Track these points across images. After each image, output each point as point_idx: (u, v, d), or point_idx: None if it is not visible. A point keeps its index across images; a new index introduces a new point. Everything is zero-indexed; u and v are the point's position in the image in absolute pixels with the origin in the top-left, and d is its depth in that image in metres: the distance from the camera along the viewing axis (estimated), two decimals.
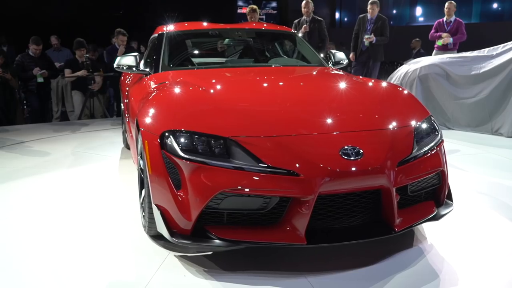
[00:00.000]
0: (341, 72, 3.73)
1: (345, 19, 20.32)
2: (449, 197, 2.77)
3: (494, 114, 5.97)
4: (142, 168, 2.80)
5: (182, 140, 2.35)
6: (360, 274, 2.34)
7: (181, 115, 2.53)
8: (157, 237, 2.58)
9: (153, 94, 2.96)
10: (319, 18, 7.61)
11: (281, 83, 3.35)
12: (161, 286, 2.28)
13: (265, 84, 3.30)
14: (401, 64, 7.40)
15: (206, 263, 2.47)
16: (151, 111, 2.67)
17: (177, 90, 2.96)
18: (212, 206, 2.26)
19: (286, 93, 3.06)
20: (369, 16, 7.72)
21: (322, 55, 7.41)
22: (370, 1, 7.68)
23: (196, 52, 4.55)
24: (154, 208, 2.43)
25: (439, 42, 7.63)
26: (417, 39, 10.99)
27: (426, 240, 2.70)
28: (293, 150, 2.30)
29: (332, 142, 2.39)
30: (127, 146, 5.12)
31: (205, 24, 4.48)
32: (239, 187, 2.21)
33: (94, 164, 4.66)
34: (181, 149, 2.32)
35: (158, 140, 2.40)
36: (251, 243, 2.27)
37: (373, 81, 3.44)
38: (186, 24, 4.47)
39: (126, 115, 4.46)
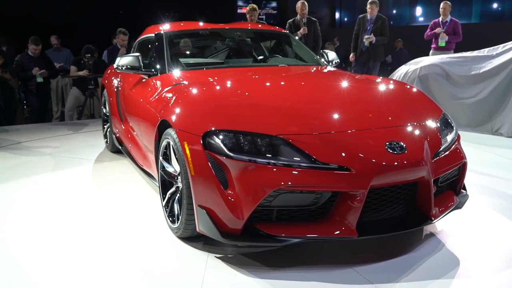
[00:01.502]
0: (347, 72, 3.86)
1: (345, 19, 20.32)
2: (464, 187, 2.94)
3: (494, 114, 5.96)
4: (170, 170, 2.80)
5: (227, 139, 2.35)
6: (394, 263, 2.45)
7: (221, 115, 2.55)
8: (189, 239, 2.67)
9: (181, 95, 2.93)
10: (314, 19, 7.63)
11: (302, 82, 3.41)
12: (218, 286, 2.28)
13: (288, 83, 3.35)
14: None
15: (248, 261, 2.49)
16: (187, 111, 2.68)
17: (206, 90, 2.99)
18: (264, 204, 2.28)
19: (312, 91, 3.12)
20: (368, 16, 7.73)
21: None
22: (369, 1, 7.68)
23: (196, 52, 4.54)
24: (198, 209, 2.43)
25: (442, 44, 7.63)
26: (399, 39, 12.05)
27: (427, 240, 2.71)
28: (341, 146, 2.36)
29: (376, 137, 2.48)
30: (112, 149, 4.95)
31: (201, 24, 4.44)
32: (293, 184, 2.23)
33: (95, 164, 4.65)
34: (228, 149, 2.32)
35: (201, 140, 2.40)
36: (304, 239, 2.29)
37: (380, 79, 3.57)
38: (182, 24, 4.44)
39: (119, 116, 4.41)
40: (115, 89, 4.61)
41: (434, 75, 6.40)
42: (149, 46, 4.47)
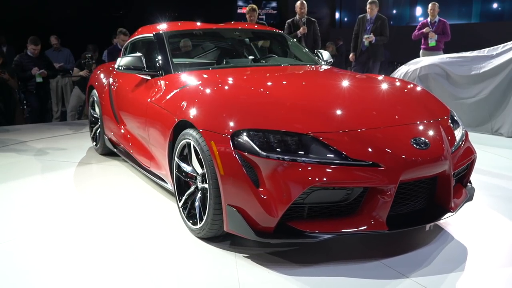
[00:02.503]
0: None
1: (345, 19, 20.31)
2: (469, 180, 3.06)
3: (494, 114, 5.96)
4: (188, 170, 2.81)
5: (257, 138, 2.38)
6: (417, 255, 2.55)
7: (249, 114, 2.57)
8: (211, 239, 2.69)
9: (199, 95, 2.93)
10: (313, 19, 7.63)
11: (316, 81, 3.44)
12: (255, 284, 2.29)
13: (302, 82, 3.37)
14: (401, 64, 7.41)
15: (276, 259, 2.52)
16: (210, 111, 2.69)
17: (225, 89, 3.03)
18: (298, 201, 2.31)
19: (329, 90, 3.16)
20: (368, 16, 7.73)
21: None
22: (369, 1, 7.68)
23: (196, 52, 4.54)
24: (228, 208, 2.44)
25: (432, 43, 7.70)
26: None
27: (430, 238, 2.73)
28: (369, 142, 2.42)
29: (401, 134, 2.56)
30: (103, 151, 4.84)
31: (198, 24, 4.41)
32: (328, 181, 2.28)
33: (95, 165, 4.65)
34: (259, 148, 2.34)
35: (230, 140, 2.41)
36: (336, 234, 2.34)
37: (386, 77, 3.67)
38: (179, 24, 4.41)
39: (114, 117, 4.32)
40: (108, 90, 4.54)
41: (434, 75, 6.40)
42: (143, 46, 4.44)
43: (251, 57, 4.37)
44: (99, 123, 4.83)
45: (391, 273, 2.36)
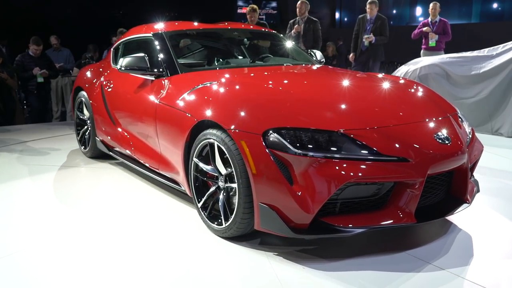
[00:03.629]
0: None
1: (345, 19, 20.32)
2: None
3: (494, 114, 5.96)
4: (208, 169, 2.83)
5: (289, 136, 2.41)
6: (438, 245, 2.68)
7: (278, 113, 2.60)
8: (235, 238, 2.70)
9: (220, 95, 2.92)
10: (314, 19, 7.61)
11: (332, 80, 3.46)
12: (295, 280, 2.32)
13: (318, 81, 3.39)
14: (401, 64, 7.41)
15: (306, 256, 2.55)
16: (237, 111, 2.67)
17: (247, 89, 3.04)
18: (332, 197, 2.37)
19: (347, 88, 3.16)
20: (368, 16, 7.73)
21: None
22: (368, 1, 7.68)
23: (196, 52, 4.53)
24: (261, 206, 2.46)
25: (432, 44, 7.70)
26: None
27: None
28: (397, 138, 2.50)
29: (424, 129, 2.67)
30: (93, 154, 4.72)
31: (195, 24, 4.40)
32: (363, 176, 2.34)
33: (97, 164, 4.65)
34: (292, 146, 2.37)
35: (261, 139, 2.43)
36: (369, 228, 2.41)
37: (382, 75, 3.75)
38: (176, 24, 4.38)
39: (110, 119, 4.20)
40: (100, 91, 4.42)
41: (434, 75, 6.40)
42: (137, 46, 4.41)
43: (245, 57, 4.39)
44: (88, 125, 4.72)
45: (416, 261, 2.47)
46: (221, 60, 4.15)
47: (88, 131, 4.74)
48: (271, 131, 2.44)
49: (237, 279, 2.37)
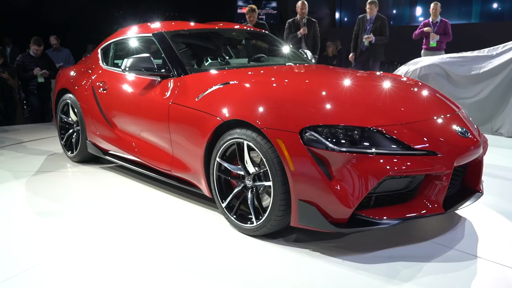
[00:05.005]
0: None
1: (345, 19, 20.30)
2: None
3: (494, 114, 5.96)
4: (240, 169, 2.85)
5: (325, 133, 2.49)
6: (457, 233, 2.88)
7: (312, 110, 2.68)
8: (269, 235, 2.75)
9: (246, 95, 2.96)
10: (313, 20, 7.63)
11: (348, 79, 3.50)
12: (342, 273, 2.40)
13: (335, 80, 3.43)
14: (401, 64, 7.41)
15: (338, 250, 2.64)
16: (269, 110, 2.70)
17: (276, 87, 3.12)
18: (369, 191, 2.46)
19: (366, 86, 3.26)
20: (368, 16, 7.73)
21: (317, 56, 7.47)
22: (368, 1, 7.68)
23: (197, 52, 4.52)
24: (300, 203, 2.52)
25: (433, 44, 7.70)
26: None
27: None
28: (425, 133, 2.63)
29: (444, 124, 2.82)
30: (82, 158, 4.59)
31: (192, 24, 4.38)
32: (399, 170, 2.44)
33: (97, 164, 4.64)
34: (330, 142, 2.45)
35: (299, 136, 2.50)
36: (403, 220, 2.51)
37: (379, 73, 3.88)
38: (173, 23, 4.34)
39: (105, 121, 4.11)
40: (91, 93, 4.30)
41: (434, 75, 6.39)
42: (131, 46, 4.37)
43: (239, 57, 4.41)
44: (74, 129, 4.61)
45: (442, 248, 2.64)
46: (219, 59, 4.15)
47: (75, 134, 4.61)
48: (308, 129, 2.51)
49: (287, 273, 2.41)
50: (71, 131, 4.69)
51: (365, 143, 2.48)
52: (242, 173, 2.85)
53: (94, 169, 4.47)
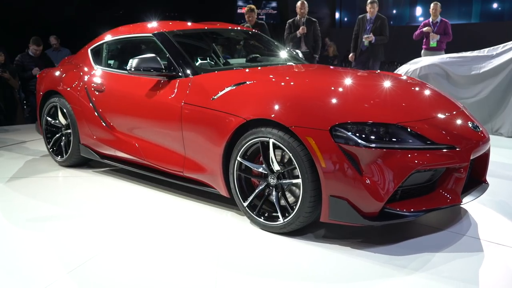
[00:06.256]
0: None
1: (345, 19, 20.29)
2: None
3: (494, 114, 5.96)
4: (264, 168, 2.88)
5: (354, 130, 2.58)
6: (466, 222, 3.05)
7: (339, 109, 2.78)
8: (294, 232, 2.80)
9: (269, 94, 2.96)
10: (313, 19, 7.62)
11: (359, 78, 3.58)
12: (381, 262, 2.50)
13: (347, 79, 3.45)
14: (401, 64, 7.41)
15: (364, 244, 2.72)
16: (301, 108, 2.75)
17: (299, 86, 3.18)
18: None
19: (376, 86, 3.30)
20: (368, 16, 7.73)
21: (318, 56, 7.46)
22: (369, 1, 7.68)
23: (197, 52, 4.52)
24: (331, 199, 2.60)
25: (433, 44, 7.71)
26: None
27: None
28: (443, 128, 2.77)
29: (458, 119, 2.95)
30: (73, 162, 4.45)
31: (189, 24, 4.34)
32: (427, 164, 2.57)
33: (98, 164, 4.64)
34: (360, 139, 2.54)
35: (329, 134, 2.57)
36: (427, 211, 2.65)
37: (377, 71, 3.97)
38: (170, 23, 4.29)
39: (102, 123, 4.01)
40: (85, 94, 4.16)
41: (434, 75, 6.39)
42: (128, 47, 4.37)
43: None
44: (63, 132, 4.46)
45: (460, 237, 2.80)
46: (220, 59, 4.15)
47: (64, 138, 4.47)
48: (337, 126, 2.59)
49: (326, 270, 2.47)
50: (58, 134, 4.52)
51: (392, 139, 2.59)
52: (266, 172, 2.88)
53: (96, 169, 4.48)
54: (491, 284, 2.31)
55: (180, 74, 3.46)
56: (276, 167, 2.83)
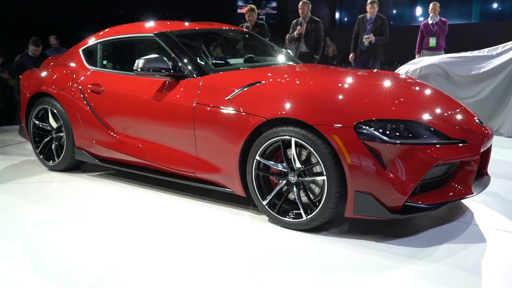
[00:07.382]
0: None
1: (345, 19, 20.29)
2: None
3: (494, 114, 5.96)
4: (285, 167, 2.92)
5: (378, 127, 2.67)
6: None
7: (361, 107, 2.84)
8: (315, 229, 2.88)
9: (289, 94, 2.98)
10: (317, 19, 7.60)
11: (362, 77, 3.64)
12: (403, 254, 2.60)
13: (354, 78, 3.50)
14: (401, 64, 7.41)
15: (382, 239, 2.80)
16: (324, 107, 2.83)
17: (317, 84, 3.28)
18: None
19: (392, 84, 3.35)
20: (368, 16, 7.73)
21: (318, 56, 7.45)
22: (369, 1, 7.68)
23: (197, 52, 4.52)
24: (356, 194, 2.67)
25: (432, 44, 7.80)
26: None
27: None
28: (455, 124, 2.91)
29: (465, 115, 3.06)
30: (66, 166, 4.29)
31: (186, 24, 4.29)
32: (446, 158, 2.69)
33: (99, 165, 4.63)
34: (384, 135, 2.63)
35: (354, 131, 2.65)
36: (444, 203, 2.76)
37: (374, 70, 4.02)
38: (168, 23, 4.26)
39: (102, 125, 3.90)
40: (80, 96, 4.03)
41: (434, 75, 6.39)
42: (125, 46, 4.35)
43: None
44: (53, 136, 4.29)
45: (476, 229, 2.91)
46: (220, 59, 4.16)
47: (54, 141, 4.30)
48: (361, 124, 2.66)
49: (344, 264, 2.53)
50: (48, 138, 4.34)
51: (412, 135, 2.69)
52: (284, 169, 2.92)
53: (91, 176, 4.47)
54: (503, 270, 2.45)
55: (187, 74, 3.43)
56: (297, 164, 2.88)
